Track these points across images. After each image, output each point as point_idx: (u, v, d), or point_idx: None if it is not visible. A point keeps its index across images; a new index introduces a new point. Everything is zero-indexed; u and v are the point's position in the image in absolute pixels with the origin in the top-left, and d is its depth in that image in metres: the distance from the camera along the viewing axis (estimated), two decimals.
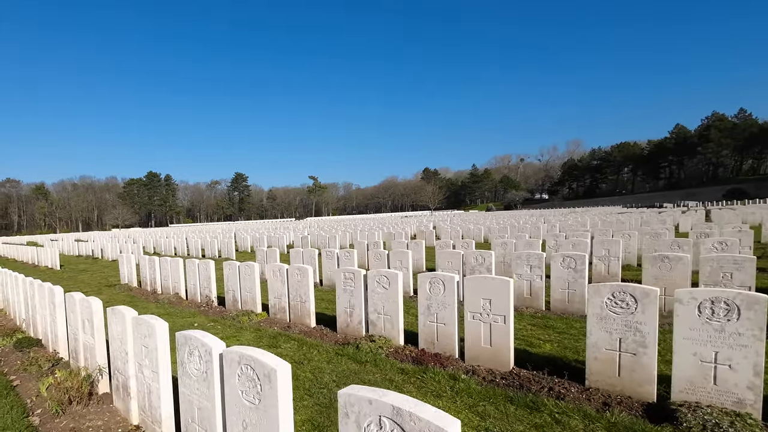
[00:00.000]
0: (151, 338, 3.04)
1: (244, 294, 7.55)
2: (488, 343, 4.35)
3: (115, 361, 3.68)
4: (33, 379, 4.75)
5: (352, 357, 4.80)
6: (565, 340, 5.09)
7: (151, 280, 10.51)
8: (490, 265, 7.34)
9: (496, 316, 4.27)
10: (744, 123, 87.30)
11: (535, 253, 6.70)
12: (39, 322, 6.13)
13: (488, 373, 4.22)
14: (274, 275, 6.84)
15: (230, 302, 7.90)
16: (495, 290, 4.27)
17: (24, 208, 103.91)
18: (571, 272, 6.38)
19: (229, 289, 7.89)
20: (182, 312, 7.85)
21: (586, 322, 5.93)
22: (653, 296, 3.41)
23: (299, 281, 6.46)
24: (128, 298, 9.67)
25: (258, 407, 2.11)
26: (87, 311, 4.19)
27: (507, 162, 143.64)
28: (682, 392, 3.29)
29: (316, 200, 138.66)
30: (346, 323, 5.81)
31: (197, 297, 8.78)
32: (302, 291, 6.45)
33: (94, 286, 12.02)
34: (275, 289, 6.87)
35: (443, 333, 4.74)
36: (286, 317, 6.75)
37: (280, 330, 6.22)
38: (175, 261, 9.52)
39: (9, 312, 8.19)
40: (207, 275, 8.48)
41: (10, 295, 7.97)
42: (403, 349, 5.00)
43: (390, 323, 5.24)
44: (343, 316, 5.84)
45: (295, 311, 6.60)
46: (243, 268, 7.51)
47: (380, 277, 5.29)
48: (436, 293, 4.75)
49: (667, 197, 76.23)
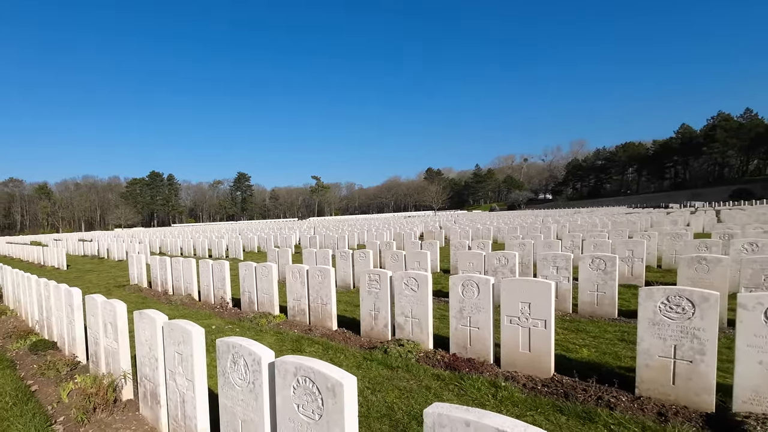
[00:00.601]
0: (186, 345, 2.87)
1: (261, 295, 7.38)
2: (526, 349, 4.17)
3: (142, 367, 3.52)
4: (52, 384, 4.59)
5: (381, 362, 4.63)
6: (601, 345, 4.90)
7: (162, 280, 10.36)
8: (513, 266, 7.16)
9: (535, 320, 4.08)
10: (750, 123, 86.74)
11: (562, 254, 6.51)
12: (54, 324, 5.98)
13: (528, 379, 4.03)
14: (294, 276, 6.66)
15: (246, 304, 7.73)
16: (535, 293, 4.08)
17: (27, 208, 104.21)
18: (601, 274, 6.19)
19: (245, 290, 7.72)
20: (197, 314, 7.68)
21: (618, 325, 5.77)
22: (713, 301, 3.22)
23: (320, 282, 6.29)
24: (140, 299, 9.51)
25: (318, 423, 1.94)
26: (110, 314, 4.02)
27: (510, 162, 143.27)
28: (746, 403, 3.09)
29: (318, 200, 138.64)
30: (371, 326, 5.64)
31: (210, 298, 8.62)
32: (323, 293, 6.27)
33: (102, 287, 11.88)
34: (295, 290, 6.70)
35: (477, 337, 4.56)
36: (305, 320, 6.58)
37: (301, 333, 6.05)
38: (188, 261, 9.37)
39: (21, 313, 8.05)
40: (221, 276, 8.32)
41: (22, 296, 7.82)
42: (433, 353, 4.82)
43: (419, 327, 5.06)
44: (368, 319, 5.66)
45: (316, 314, 6.42)
46: (260, 269, 7.34)
47: (408, 279, 5.11)
48: (470, 296, 4.57)
49: (672, 197, 75.82)
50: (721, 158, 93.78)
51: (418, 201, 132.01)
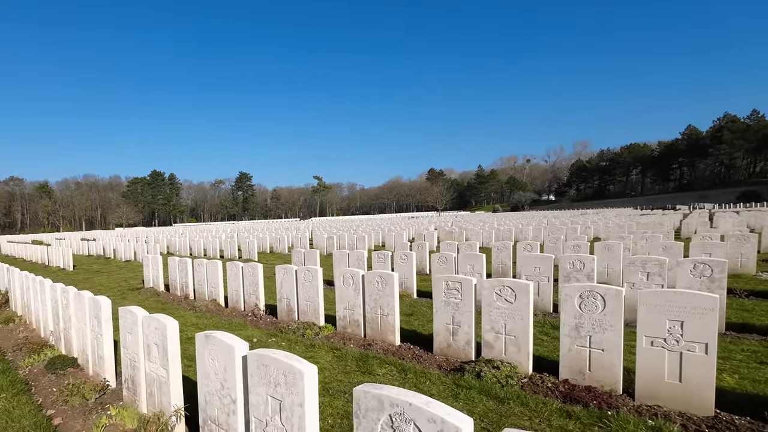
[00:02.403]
0: (292, 389, 2.04)
1: (303, 303, 6.55)
2: (675, 378, 3.33)
3: (208, 407, 2.69)
4: (78, 416, 3.75)
5: (480, 390, 3.79)
6: (741, 369, 4.07)
7: (183, 284, 9.52)
8: (591, 271, 6.33)
9: (690, 343, 3.25)
10: (757, 125, 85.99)
11: (654, 258, 5.68)
12: (75, 337, 5.14)
13: (682, 418, 3.20)
14: (346, 282, 5.83)
15: (284, 312, 6.89)
16: (691, 309, 3.25)
17: (27, 207, 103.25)
18: (705, 281, 5.35)
19: (283, 296, 6.89)
20: (229, 323, 6.85)
21: (739, 342, 4.89)
22: None
23: (380, 290, 5.45)
24: (159, 305, 8.67)
25: None
26: (158, 334, 3.19)
27: (513, 163, 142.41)
28: None
29: (320, 200, 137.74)
30: (447, 343, 4.80)
31: (240, 304, 7.78)
32: (384, 302, 5.43)
33: (115, 290, 11.03)
34: (347, 298, 5.86)
35: (600, 361, 3.72)
36: (359, 332, 5.75)
37: (360, 349, 5.21)
38: (213, 263, 8.53)
39: (31, 321, 7.20)
40: (254, 280, 7.48)
41: (33, 302, 6.98)
42: (539, 379, 3.99)
43: (515, 345, 4.23)
44: (444, 333, 4.82)
45: (373, 325, 5.58)
46: (302, 273, 6.51)
47: (502, 287, 4.28)
48: (591, 310, 3.74)
49: (678, 199, 75.13)
50: (727, 160, 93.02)
51: (420, 202, 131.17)
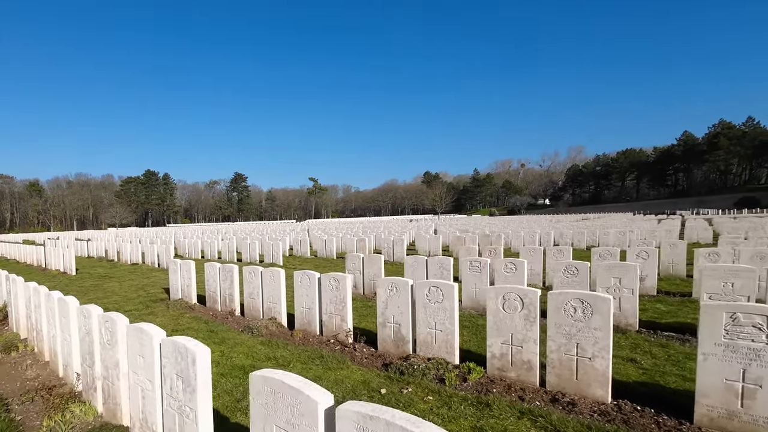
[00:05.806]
0: None
1: (425, 331, 4.80)
2: None
3: None
4: None
5: None
6: None
7: (226, 296, 7.70)
8: None
9: None
10: (753, 131, 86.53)
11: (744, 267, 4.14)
12: (124, 394, 3.33)
13: None
14: (509, 306, 4.11)
15: (388, 341, 5.15)
16: None
17: (17, 205, 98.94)
18: None
19: (387, 320, 5.14)
20: (319, 357, 5.05)
21: None
22: None
23: (579, 321, 3.75)
24: (201, 324, 6.83)
25: None
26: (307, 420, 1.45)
27: (508, 167, 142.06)
28: None
29: (315, 202, 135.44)
30: None
31: (314, 327, 6.01)
32: (582, 338, 3.73)
33: (135, 301, 9.11)
34: (508, 329, 4.15)
35: None
36: (532, 379, 4.04)
37: (551, 407, 3.50)
38: (272, 272, 6.74)
39: (42, 351, 5.32)
40: (339, 296, 5.71)
41: (45, 326, 5.10)
42: None
43: None
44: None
45: (561, 372, 3.88)
46: (429, 290, 4.77)
47: None
48: None
49: (676, 204, 75.20)
50: (723, 166, 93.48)
51: (416, 204, 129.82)
